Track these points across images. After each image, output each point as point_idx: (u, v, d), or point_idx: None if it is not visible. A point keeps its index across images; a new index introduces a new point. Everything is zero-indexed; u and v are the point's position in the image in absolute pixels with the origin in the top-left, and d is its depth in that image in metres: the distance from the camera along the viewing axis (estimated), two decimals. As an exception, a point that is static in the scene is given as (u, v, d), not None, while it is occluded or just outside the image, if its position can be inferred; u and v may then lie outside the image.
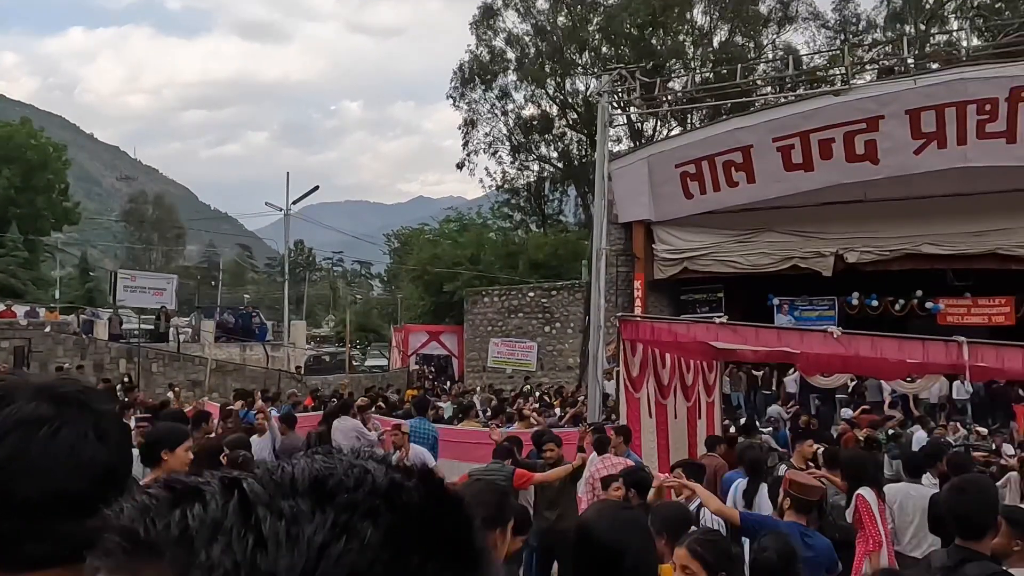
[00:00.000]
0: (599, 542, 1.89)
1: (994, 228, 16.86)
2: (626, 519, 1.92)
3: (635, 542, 1.86)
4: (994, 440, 11.99)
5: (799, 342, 7.50)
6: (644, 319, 8.60)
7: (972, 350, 6.45)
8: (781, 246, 19.09)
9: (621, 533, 1.87)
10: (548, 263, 29.47)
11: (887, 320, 18.71)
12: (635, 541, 1.86)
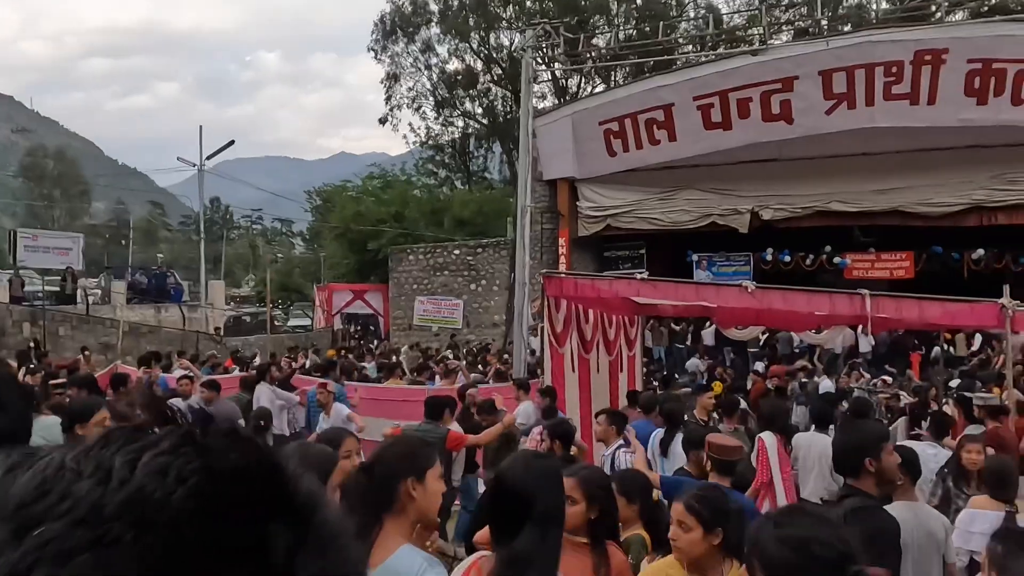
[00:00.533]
0: (511, 489, 1.93)
1: (897, 186, 17.71)
2: (538, 467, 1.96)
3: (546, 489, 1.90)
4: (895, 387, 12.79)
5: (716, 296, 7.75)
6: (568, 275, 8.72)
7: (874, 302, 6.82)
8: (700, 204, 19.56)
9: (532, 481, 1.91)
10: (474, 220, 29.37)
11: (798, 274, 19.54)
12: (546, 488, 1.90)
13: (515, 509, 1.91)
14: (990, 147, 16.57)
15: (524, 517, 1.90)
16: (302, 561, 0.42)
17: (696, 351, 18.71)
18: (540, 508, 1.90)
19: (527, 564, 1.85)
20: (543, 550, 1.87)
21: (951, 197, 17.37)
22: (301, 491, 0.45)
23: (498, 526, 1.97)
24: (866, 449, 3.05)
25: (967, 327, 9.24)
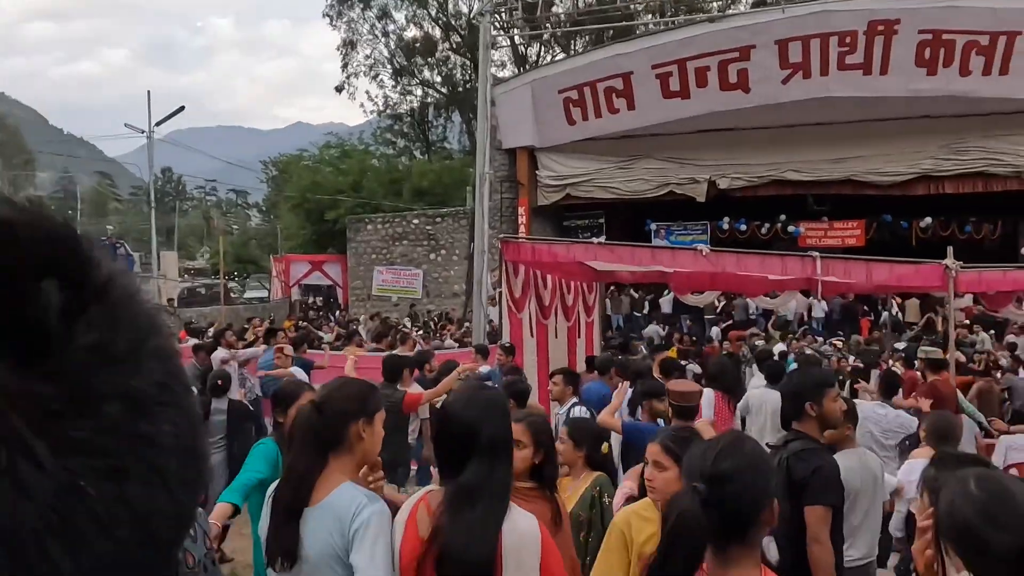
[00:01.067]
0: (456, 420, 1.94)
1: (850, 156, 18.03)
2: (482, 399, 1.96)
3: (489, 420, 1.90)
4: (844, 350, 13.14)
5: (672, 260, 7.84)
6: (526, 240, 8.72)
7: (824, 264, 6.98)
8: (658, 173, 19.68)
9: (476, 412, 1.92)
10: (433, 190, 29.13)
11: (754, 243, 19.87)
12: (489, 419, 1.90)
13: (460, 441, 1.92)
14: (939, 117, 16.95)
15: (469, 449, 1.90)
16: (82, 328, 0.37)
17: (654, 319, 18.96)
18: (485, 439, 1.90)
19: (475, 496, 1.86)
20: (491, 481, 1.88)
21: (901, 166, 17.76)
22: (85, 251, 0.40)
23: (445, 459, 1.98)
24: (808, 394, 3.17)
25: (913, 289, 9.53)
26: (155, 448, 0.39)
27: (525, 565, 1.83)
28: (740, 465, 1.60)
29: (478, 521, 1.85)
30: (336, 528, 1.98)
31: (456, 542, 1.84)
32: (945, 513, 1.51)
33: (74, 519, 0.35)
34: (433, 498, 2.01)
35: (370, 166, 32.71)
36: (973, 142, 17.21)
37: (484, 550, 1.81)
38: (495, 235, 13.61)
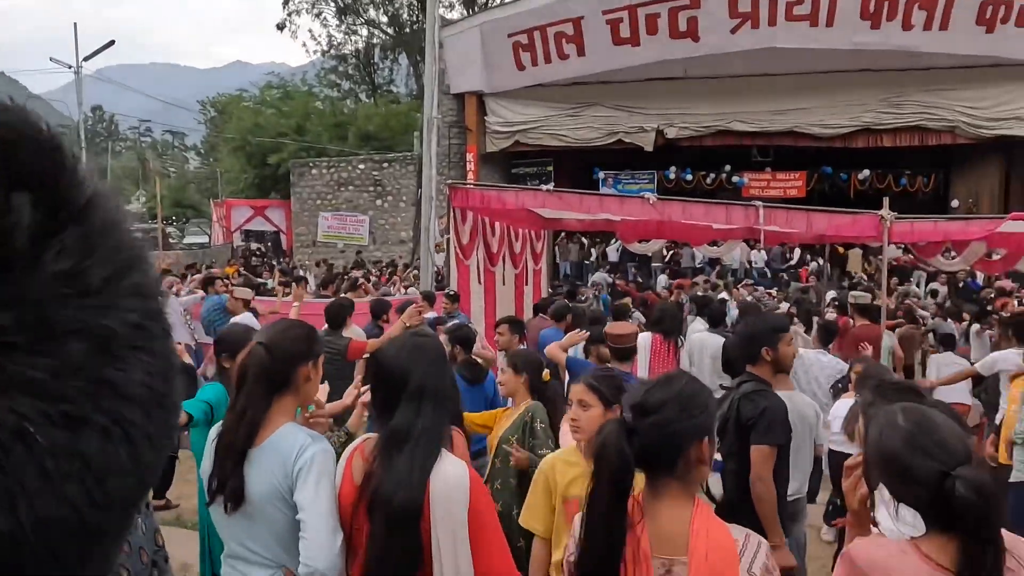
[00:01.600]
0: (386, 366, 1.95)
1: (794, 107, 18.29)
2: (413, 345, 1.97)
3: (421, 365, 1.92)
4: (781, 298, 13.54)
5: (619, 208, 7.89)
6: (474, 186, 8.66)
7: (767, 213, 7.13)
8: (607, 121, 19.65)
9: (407, 357, 1.93)
10: (379, 135, 28.52)
11: (699, 192, 20.14)
12: (421, 364, 1.92)
13: (390, 387, 1.93)
14: (880, 71, 17.27)
15: (399, 395, 1.92)
16: (53, 252, 0.33)
17: (601, 267, 19.19)
18: (414, 385, 1.91)
19: (403, 441, 1.88)
20: (419, 427, 1.89)
21: (843, 119, 18.12)
22: (68, 166, 0.35)
23: (379, 405, 1.99)
24: (763, 338, 3.27)
25: (850, 238, 9.83)
26: (120, 397, 0.35)
27: (453, 513, 1.84)
28: (666, 398, 1.64)
29: (405, 467, 1.86)
30: (279, 468, 1.99)
31: (384, 488, 1.85)
32: (875, 444, 1.58)
33: (16, 469, 0.31)
34: (368, 445, 2.02)
35: (314, 109, 31.76)
36: (911, 96, 17.63)
37: (410, 496, 1.83)
38: (443, 181, 13.43)
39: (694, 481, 1.66)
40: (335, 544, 1.92)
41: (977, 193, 18.59)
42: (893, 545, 1.61)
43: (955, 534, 1.48)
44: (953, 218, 9.42)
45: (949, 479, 1.44)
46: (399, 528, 1.83)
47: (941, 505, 1.46)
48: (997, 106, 17.06)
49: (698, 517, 1.60)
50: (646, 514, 1.66)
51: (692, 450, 1.62)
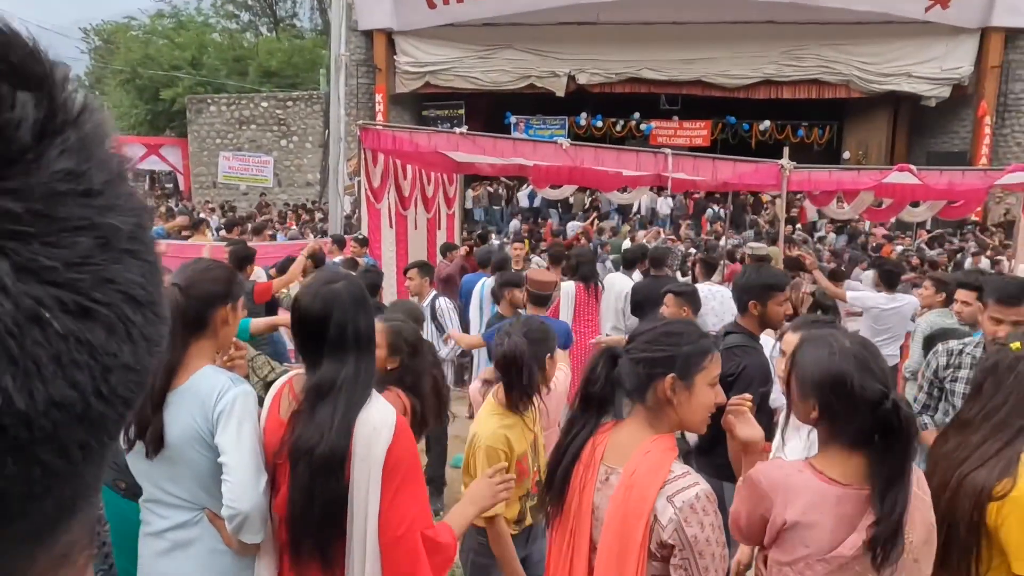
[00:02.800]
0: (305, 314, 1.92)
1: (701, 57, 18.65)
2: (328, 292, 1.92)
3: (337, 311, 1.89)
4: (688, 244, 14.01)
5: (533, 152, 7.91)
6: (385, 127, 8.45)
7: (675, 161, 7.32)
8: (519, 64, 19.48)
9: (322, 304, 1.90)
10: (282, 71, 27.25)
11: (609, 139, 20.38)
12: (337, 310, 1.89)
13: (311, 335, 1.91)
14: (783, 24, 17.77)
15: (321, 342, 1.90)
16: (56, 150, 0.34)
17: (514, 212, 19.25)
18: (334, 332, 1.89)
19: (327, 391, 1.87)
20: (344, 375, 1.88)
21: (746, 70, 18.63)
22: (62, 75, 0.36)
23: (304, 352, 1.96)
24: (755, 293, 3.26)
25: (752, 187, 10.23)
26: (124, 295, 0.36)
27: (371, 454, 1.84)
28: (645, 331, 1.78)
29: (327, 417, 1.84)
30: (199, 411, 1.95)
31: (305, 438, 1.83)
32: (819, 365, 1.68)
33: (33, 352, 0.32)
34: (297, 382, 1.99)
35: (210, 41, 29.94)
36: (811, 50, 18.28)
37: (333, 445, 1.82)
38: (352, 122, 13.07)
39: (665, 417, 1.71)
40: (259, 485, 1.91)
41: (867, 145, 19.62)
42: (790, 465, 1.75)
43: (860, 454, 1.62)
44: (846, 168, 9.95)
45: (889, 400, 1.58)
46: (322, 477, 1.83)
47: (871, 424, 1.59)
48: (888, 62, 17.92)
49: (652, 443, 1.68)
50: (616, 430, 1.78)
51: (659, 383, 1.69)
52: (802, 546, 1.63)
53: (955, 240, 14.25)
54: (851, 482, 1.62)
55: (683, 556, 1.56)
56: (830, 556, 1.60)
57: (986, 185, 8.09)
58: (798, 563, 1.64)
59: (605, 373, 1.77)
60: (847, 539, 1.59)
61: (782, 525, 1.66)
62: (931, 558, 1.68)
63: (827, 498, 1.62)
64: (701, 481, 1.64)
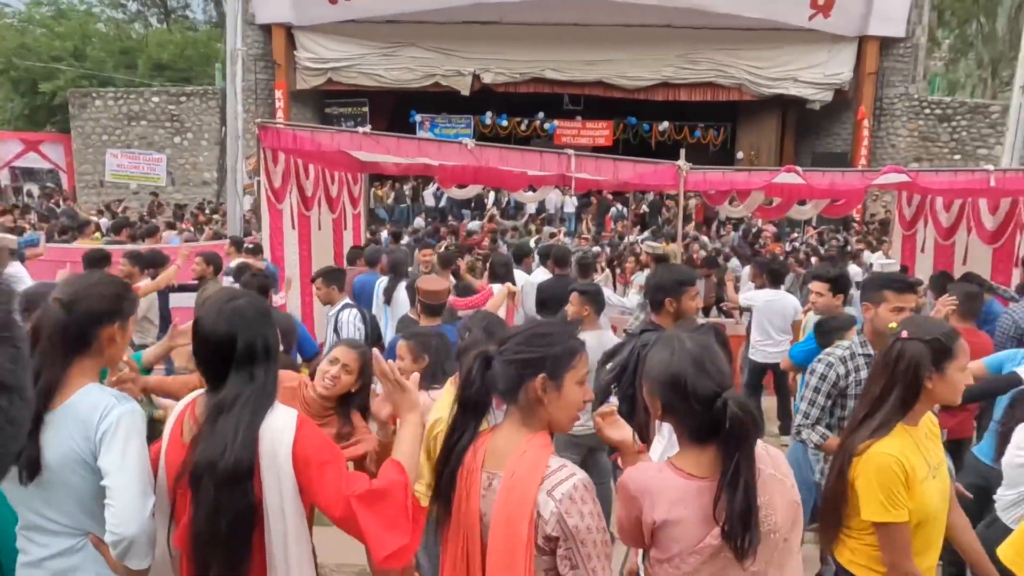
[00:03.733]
0: (209, 334, 1.87)
1: (602, 59, 19.08)
2: (231, 310, 1.88)
3: (243, 328, 1.85)
4: (591, 243, 14.31)
5: (438, 152, 7.86)
6: (286, 126, 8.22)
7: (577, 161, 7.46)
8: (424, 62, 19.37)
9: (227, 322, 1.86)
10: (175, 65, 26.05)
11: (514, 138, 20.55)
12: (243, 327, 1.85)
13: (217, 354, 1.86)
14: (679, 28, 18.41)
15: (228, 361, 1.85)
16: None
17: (419, 211, 19.13)
18: (242, 350, 1.85)
19: (232, 406, 1.82)
20: (250, 390, 1.84)
21: (645, 72, 19.21)
22: None
23: (206, 373, 1.90)
24: (669, 290, 3.34)
25: (651, 187, 10.55)
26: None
27: (278, 460, 1.81)
28: (515, 333, 1.80)
29: (230, 429, 1.80)
30: (79, 431, 1.84)
31: (207, 452, 1.78)
32: (663, 364, 1.76)
33: None
34: (199, 403, 1.93)
35: (94, 31, 28.26)
36: (705, 54, 19.01)
37: (237, 457, 1.77)
38: (250, 119, 12.66)
39: (538, 416, 1.74)
40: (145, 509, 1.82)
41: (759, 146, 20.56)
42: (652, 467, 1.83)
43: (712, 447, 1.69)
44: (739, 169, 10.41)
45: (722, 399, 1.66)
46: (228, 491, 1.77)
47: (711, 421, 1.66)
48: (776, 67, 18.86)
49: (527, 442, 1.71)
50: (493, 434, 1.79)
51: (530, 384, 1.71)
52: (674, 542, 1.70)
53: (839, 236, 15.16)
54: (707, 474, 1.69)
55: (567, 547, 1.61)
56: (700, 547, 1.67)
57: (864, 185, 8.63)
58: (674, 559, 1.71)
59: (480, 376, 1.78)
60: (714, 529, 1.66)
61: (653, 525, 1.72)
62: (799, 534, 1.79)
63: (689, 492, 1.69)
64: (578, 471, 1.69)
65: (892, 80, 18.97)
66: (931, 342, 2.21)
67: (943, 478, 2.26)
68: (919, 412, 2.26)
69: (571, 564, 1.62)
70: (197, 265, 6.75)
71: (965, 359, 2.21)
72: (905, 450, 2.20)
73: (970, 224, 8.70)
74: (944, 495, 2.24)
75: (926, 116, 19.05)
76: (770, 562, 1.71)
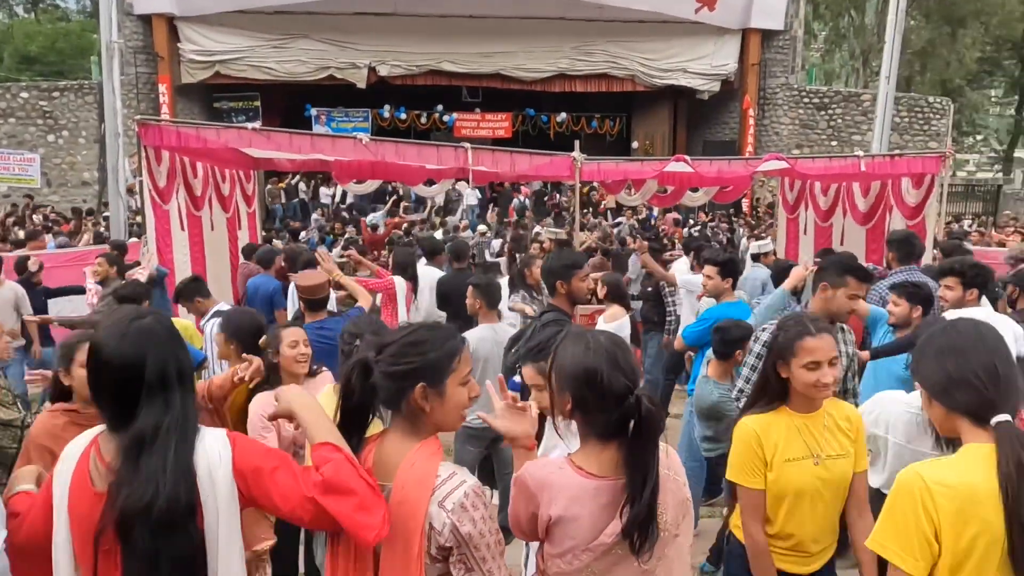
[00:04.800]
0: (113, 357, 1.67)
1: (499, 51, 19.17)
2: (138, 330, 1.69)
3: (154, 350, 1.68)
4: (492, 235, 14.39)
5: (332, 148, 7.70)
6: (168, 123, 7.85)
7: (475, 155, 7.49)
8: (317, 55, 18.92)
9: (134, 345, 1.67)
10: (45, 57, 24.42)
11: (414, 131, 20.40)
12: (153, 349, 1.68)
13: (123, 384, 1.66)
14: (573, 20, 18.72)
15: (137, 390, 1.66)
16: None
17: (317, 207, 18.72)
18: (153, 375, 1.66)
19: (154, 440, 1.63)
20: (171, 419, 1.66)
21: (541, 64, 19.44)
22: None
23: (110, 405, 1.69)
24: (559, 273, 3.54)
25: (549, 177, 10.71)
26: None
27: (217, 485, 1.65)
28: (393, 341, 1.74)
29: (158, 465, 1.60)
30: None
31: (136, 496, 1.57)
32: (577, 360, 1.77)
33: None
34: (105, 444, 1.70)
35: (-48, 21, 26.16)
36: (598, 46, 19.42)
37: (172, 496, 1.59)
38: (131, 115, 12.01)
39: (422, 424, 1.72)
40: None
41: (653, 135, 21.20)
42: (552, 463, 1.85)
43: (613, 446, 1.73)
44: (632, 159, 10.72)
45: (634, 395, 1.70)
46: (167, 535, 1.59)
47: (619, 418, 1.71)
48: (666, 59, 19.47)
49: (416, 451, 1.68)
50: (380, 443, 1.75)
51: (411, 393, 1.68)
52: (568, 538, 1.75)
53: (729, 222, 15.85)
54: (607, 474, 1.74)
55: (460, 552, 1.63)
56: (593, 545, 1.72)
57: (748, 172, 9.06)
58: (567, 554, 1.76)
59: (360, 385, 1.72)
60: (607, 527, 1.71)
61: (549, 520, 1.76)
62: (690, 529, 1.86)
63: (586, 491, 1.73)
64: (468, 478, 1.69)
65: (774, 71, 19.94)
66: (776, 337, 2.42)
67: (832, 470, 2.37)
68: (799, 400, 2.41)
69: (466, 567, 1.63)
70: (99, 266, 6.41)
71: (808, 356, 2.33)
72: (771, 428, 2.39)
73: (845, 207, 9.27)
74: (826, 484, 2.37)
75: (805, 105, 20.13)
76: (661, 558, 1.77)
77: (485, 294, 4.25)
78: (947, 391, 1.70)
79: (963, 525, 1.57)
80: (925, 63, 32.36)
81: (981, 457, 1.61)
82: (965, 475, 1.60)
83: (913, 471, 1.65)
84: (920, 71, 32.37)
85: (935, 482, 1.60)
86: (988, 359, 1.67)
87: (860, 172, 8.24)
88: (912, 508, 1.60)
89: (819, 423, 2.41)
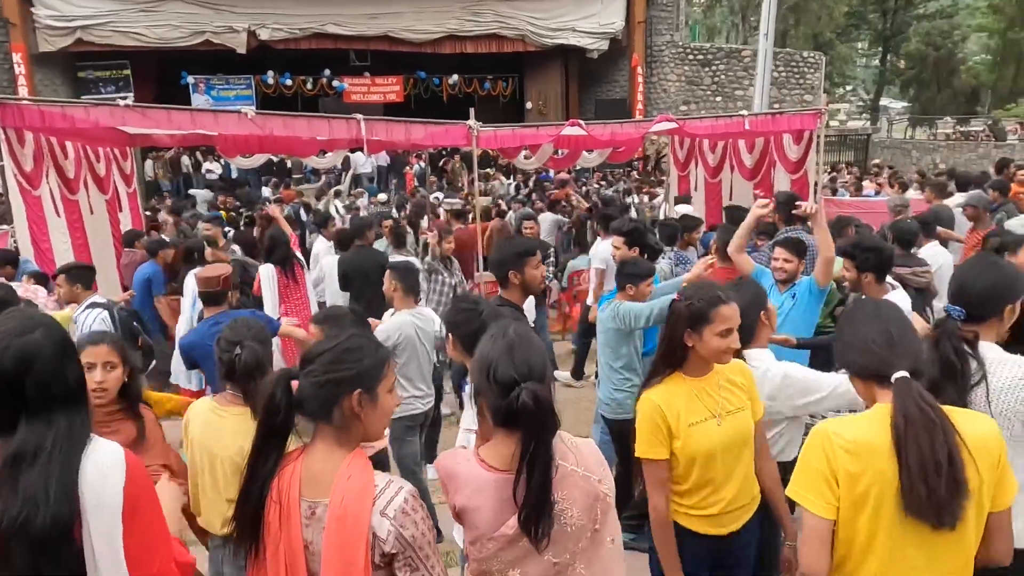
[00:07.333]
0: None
1: (385, 12, 18.62)
2: (22, 346, 1.56)
3: (38, 366, 1.56)
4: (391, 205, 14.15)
5: (215, 124, 7.31)
6: (29, 102, 7.22)
7: (368, 126, 7.30)
8: (190, 19, 17.82)
9: (16, 360, 1.55)
10: None
11: (301, 98, 19.67)
12: (37, 365, 1.55)
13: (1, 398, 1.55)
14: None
15: (17, 403, 1.55)
16: None
17: (202, 182, 17.83)
18: (34, 392, 1.56)
19: (34, 456, 1.54)
20: (55, 434, 1.56)
21: (430, 25, 19.03)
22: None
23: None
24: (510, 263, 3.32)
25: (445, 145, 10.60)
26: None
27: (103, 502, 1.56)
28: (324, 350, 1.74)
29: (39, 482, 1.52)
30: None
31: (13, 513, 1.50)
32: (482, 348, 1.83)
33: None
34: None
35: None
36: (488, 5, 19.18)
37: (53, 513, 1.51)
38: (-16, 90, 10.99)
39: (353, 432, 1.72)
40: None
41: (546, 95, 21.25)
42: (461, 455, 1.90)
43: (515, 438, 1.76)
44: (527, 125, 10.70)
45: (517, 388, 1.72)
46: (48, 552, 1.52)
47: (507, 408, 1.74)
48: (555, 18, 19.47)
49: (348, 464, 1.68)
50: (305, 459, 1.73)
51: (345, 401, 1.69)
52: (473, 527, 1.81)
53: (624, 182, 16.22)
54: (507, 467, 1.78)
55: (406, 556, 1.65)
56: (496, 535, 1.78)
57: (639, 134, 9.26)
58: (476, 542, 1.82)
59: (286, 400, 1.71)
60: (508, 520, 1.76)
61: (455, 508, 1.83)
62: (611, 526, 1.89)
63: (488, 484, 1.79)
64: (405, 484, 1.72)
65: (659, 28, 20.32)
66: (689, 306, 2.46)
67: (734, 423, 2.49)
68: (696, 365, 2.50)
69: (411, 568, 1.66)
70: None
71: (723, 325, 2.43)
72: (672, 397, 2.46)
73: (732, 163, 9.67)
74: (732, 438, 2.48)
75: (690, 62, 20.67)
76: (576, 554, 1.81)
77: (403, 279, 4.17)
78: (846, 356, 1.95)
79: (858, 474, 1.77)
80: (799, 18, 33.84)
81: (884, 413, 1.80)
82: (863, 429, 1.81)
83: (822, 426, 1.86)
84: (794, 25, 33.84)
85: (835, 434, 1.81)
86: (883, 326, 1.89)
87: (745, 130, 8.58)
88: (816, 457, 1.82)
89: (714, 383, 2.51)
